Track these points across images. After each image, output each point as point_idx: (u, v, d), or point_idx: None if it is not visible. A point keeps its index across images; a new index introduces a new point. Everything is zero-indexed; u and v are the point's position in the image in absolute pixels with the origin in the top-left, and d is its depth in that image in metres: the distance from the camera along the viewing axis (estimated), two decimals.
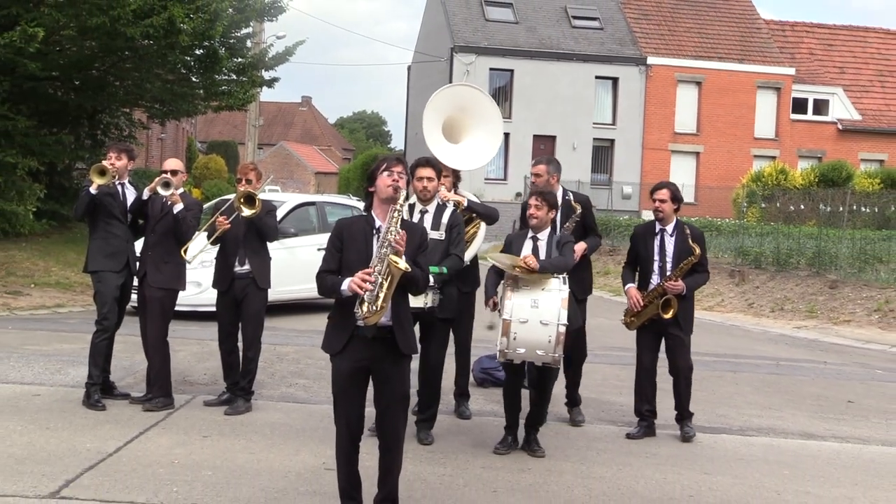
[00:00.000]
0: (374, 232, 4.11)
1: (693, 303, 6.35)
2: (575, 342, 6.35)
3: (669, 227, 6.21)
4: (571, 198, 6.42)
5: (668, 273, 6.13)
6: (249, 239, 6.40)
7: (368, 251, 4.08)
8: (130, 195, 6.48)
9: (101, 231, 6.36)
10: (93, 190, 6.18)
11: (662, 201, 6.18)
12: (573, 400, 6.63)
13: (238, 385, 6.42)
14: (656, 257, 6.21)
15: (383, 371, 4.11)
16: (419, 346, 4.49)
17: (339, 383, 4.14)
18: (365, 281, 3.91)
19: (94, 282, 6.42)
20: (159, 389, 6.31)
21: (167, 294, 6.39)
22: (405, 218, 4.25)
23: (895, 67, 36.29)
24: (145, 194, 6.36)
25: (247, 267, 6.40)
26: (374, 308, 3.93)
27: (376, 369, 4.11)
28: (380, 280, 3.94)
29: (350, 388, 4.13)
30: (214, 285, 6.53)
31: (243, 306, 6.41)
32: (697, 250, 6.06)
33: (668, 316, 6.10)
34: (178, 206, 6.27)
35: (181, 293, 6.60)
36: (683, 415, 6.28)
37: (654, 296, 6.14)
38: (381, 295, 3.94)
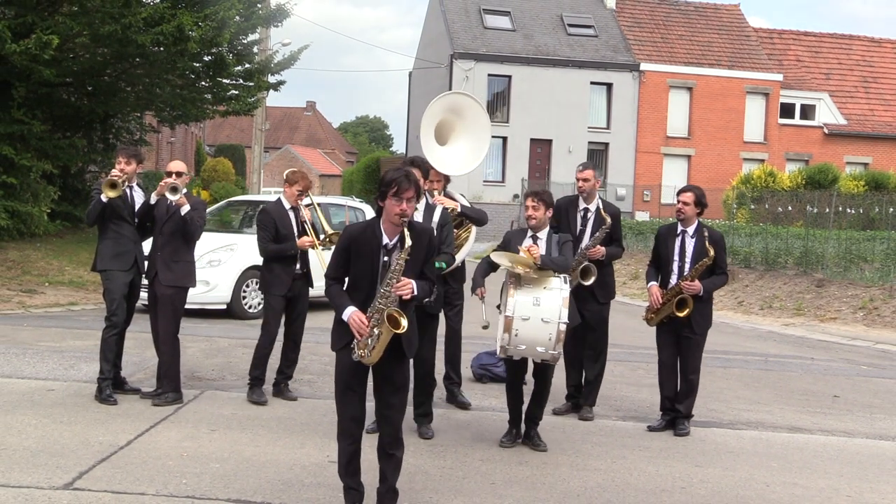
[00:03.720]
0: (381, 248, 4.15)
1: (711, 305, 6.44)
2: (598, 342, 6.54)
3: (690, 229, 6.34)
4: (602, 207, 6.50)
5: (686, 273, 6.27)
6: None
7: (374, 268, 4.15)
8: (138, 197, 6.61)
9: (109, 232, 6.49)
10: (104, 198, 6.35)
11: (686, 203, 6.31)
12: (592, 398, 6.72)
13: (285, 375, 6.84)
14: (676, 257, 6.35)
15: (386, 364, 4.18)
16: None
17: (344, 377, 4.22)
18: (363, 325, 4.06)
19: (103, 280, 6.55)
20: (169, 384, 6.44)
21: (177, 292, 6.51)
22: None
23: (879, 74, 36.57)
24: (153, 199, 6.49)
25: (298, 266, 6.77)
26: (369, 354, 4.10)
27: (379, 363, 4.17)
28: (375, 333, 4.07)
29: (354, 381, 4.21)
30: (277, 290, 6.67)
31: (297, 304, 6.78)
32: (711, 252, 6.16)
33: (683, 314, 6.22)
34: (185, 208, 6.38)
35: (190, 291, 6.72)
36: (682, 413, 6.38)
37: (672, 294, 6.28)
38: (375, 346, 4.09)
